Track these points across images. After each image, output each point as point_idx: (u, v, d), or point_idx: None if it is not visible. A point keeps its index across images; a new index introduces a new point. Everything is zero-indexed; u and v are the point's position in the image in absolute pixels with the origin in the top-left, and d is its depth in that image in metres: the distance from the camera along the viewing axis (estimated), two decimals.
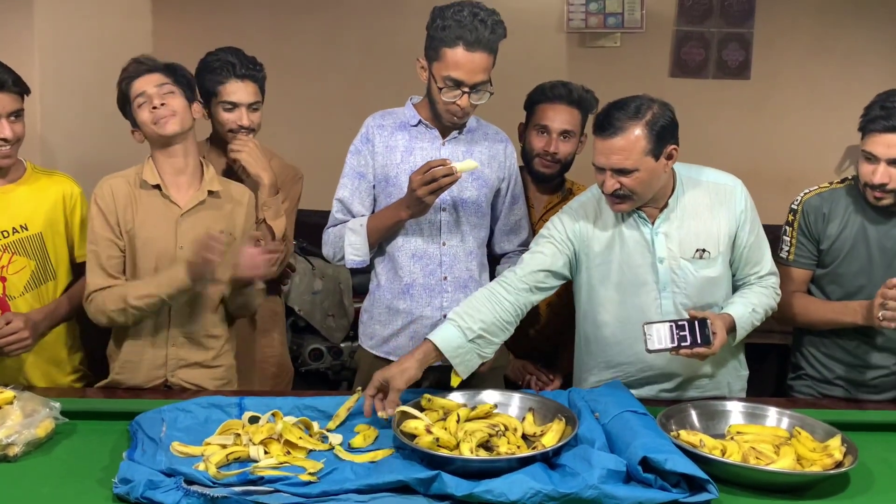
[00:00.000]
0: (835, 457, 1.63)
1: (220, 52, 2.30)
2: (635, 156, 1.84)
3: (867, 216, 2.11)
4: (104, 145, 3.30)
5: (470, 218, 2.10)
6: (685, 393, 2.08)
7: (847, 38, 3.92)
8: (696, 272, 1.99)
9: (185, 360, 2.09)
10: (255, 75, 2.31)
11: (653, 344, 1.86)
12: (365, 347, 2.19)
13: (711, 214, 1.99)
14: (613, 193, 1.90)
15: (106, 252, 2.02)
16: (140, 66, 2.04)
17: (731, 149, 2.54)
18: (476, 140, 2.12)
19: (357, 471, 1.59)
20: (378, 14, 3.91)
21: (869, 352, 2.15)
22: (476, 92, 1.97)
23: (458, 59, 1.92)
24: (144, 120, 2.01)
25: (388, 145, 2.09)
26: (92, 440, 1.76)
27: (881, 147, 1.97)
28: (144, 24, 3.82)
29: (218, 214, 2.09)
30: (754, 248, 2.03)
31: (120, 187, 2.05)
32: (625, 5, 3.81)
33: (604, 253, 2.01)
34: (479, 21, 1.90)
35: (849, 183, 2.18)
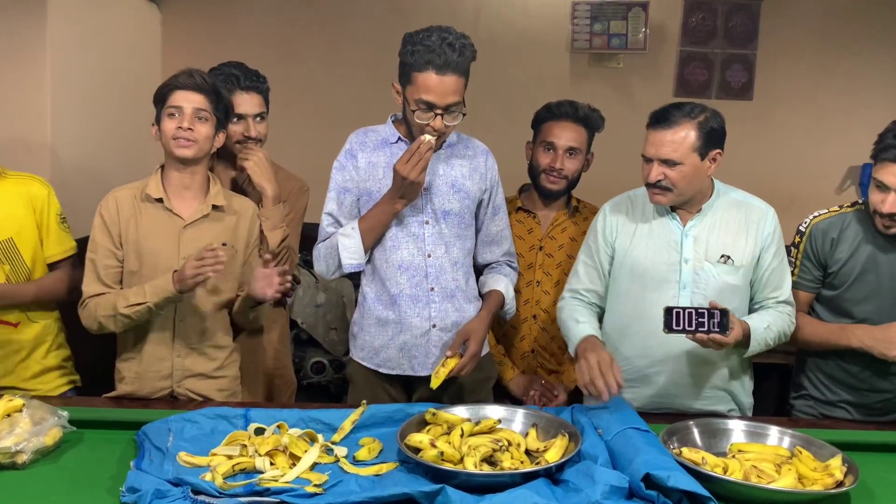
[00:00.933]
0: (836, 476, 1.64)
1: (224, 66, 2.34)
2: (683, 150, 1.97)
3: (877, 243, 2.11)
4: (113, 151, 3.34)
5: (454, 229, 2.13)
6: (691, 404, 2.11)
7: (850, 60, 3.96)
8: (718, 276, 2.06)
9: (190, 370, 2.11)
10: (260, 87, 2.35)
11: (671, 325, 1.90)
12: (356, 360, 2.21)
13: (741, 230, 2.08)
14: (656, 184, 2.00)
15: (103, 262, 2.06)
16: (189, 81, 2.05)
17: (733, 168, 2.56)
18: (456, 154, 2.16)
19: (362, 483, 1.60)
20: (384, 30, 3.94)
21: (873, 377, 2.15)
22: (449, 113, 2.00)
23: (428, 83, 1.96)
24: (166, 130, 2.05)
25: (370, 161, 2.13)
26: (99, 449, 1.77)
27: (892, 177, 1.97)
28: (153, 36, 3.87)
29: (221, 227, 2.12)
30: (777, 272, 2.10)
31: (124, 200, 2.08)
32: (629, 26, 3.85)
33: (632, 246, 2.12)
34: (447, 45, 1.95)
35: (859, 207, 2.18)
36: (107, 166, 3.25)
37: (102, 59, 3.26)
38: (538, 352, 2.45)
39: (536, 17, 3.94)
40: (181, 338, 2.09)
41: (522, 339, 2.46)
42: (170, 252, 2.06)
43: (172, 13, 3.93)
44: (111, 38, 3.37)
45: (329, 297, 3.55)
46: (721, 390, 2.14)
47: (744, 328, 1.99)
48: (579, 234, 2.46)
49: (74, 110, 3.03)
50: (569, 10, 3.88)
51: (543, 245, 2.44)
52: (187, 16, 3.95)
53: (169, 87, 2.05)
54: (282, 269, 2.04)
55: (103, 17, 3.29)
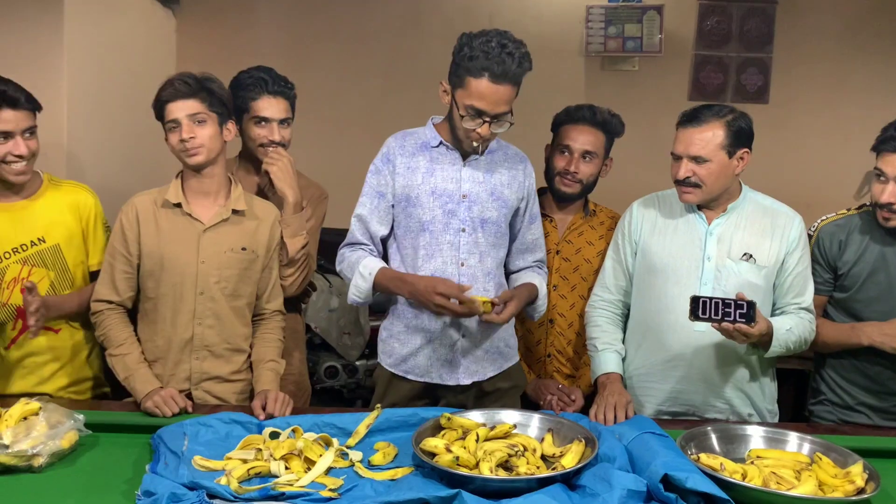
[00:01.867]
0: (857, 483, 1.62)
1: (253, 70, 2.35)
2: (711, 147, 2.03)
3: (886, 242, 2.13)
4: (130, 159, 3.36)
5: (489, 238, 2.12)
6: (710, 403, 2.12)
7: (866, 64, 3.92)
8: (740, 274, 2.08)
9: (208, 373, 2.12)
10: (287, 92, 2.35)
11: (697, 313, 1.90)
12: (384, 365, 2.20)
13: (766, 233, 2.10)
14: (685, 181, 2.04)
15: (119, 266, 2.08)
16: (175, 92, 2.05)
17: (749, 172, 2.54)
18: (496, 161, 2.14)
19: (377, 488, 1.60)
20: (398, 37, 3.95)
21: (890, 377, 2.14)
22: (497, 121, 1.98)
23: (482, 90, 1.92)
24: (173, 145, 2.07)
25: (409, 166, 2.11)
26: (115, 452, 1.78)
27: (891, 166, 2.02)
28: (169, 43, 3.89)
29: (240, 231, 2.12)
30: (800, 278, 2.12)
31: (144, 206, 2.10)
32: (644, 30, 3.84)
33: (656, 242, 2.16)
34: (506, 54, 1.90)
35: (866, 209, 2.20)
36: (123, 171, 3.27)
37: (118, 66, 3.28)
38: (554, 356, 2.44)
39: (550, 22, 3.94)
40: (200, 341, 2.10)
41: (539, 344, 2.45)
42: (189, 256, 2.07)
43: (187, 20, 3.96)
44: (127, 44, 3.39)
45: (342, 302, 3.55)
46: (740, 391, 2.13)
47: (768, 326, 1.99)
48: (596, 237, 2.44)
49: (90, 116, 3.05)
50: (583, 15, 3.87)
51: (560, 249, 2.43)
52: (202, 22, 3.98)
53: (160, 103, 2.06)
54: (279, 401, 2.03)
55: (119, 24, 3.31)
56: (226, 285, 2.10)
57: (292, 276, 2.28)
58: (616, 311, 2.26)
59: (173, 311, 2.08)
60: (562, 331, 2.42)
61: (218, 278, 2.09)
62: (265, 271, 2.18)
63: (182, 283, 2.07)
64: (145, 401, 1.97)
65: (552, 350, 2.43)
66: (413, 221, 2.10)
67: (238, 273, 2.11)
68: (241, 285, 2.12)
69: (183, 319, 2.08)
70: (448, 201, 2.08)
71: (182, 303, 2.08)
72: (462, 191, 2.09)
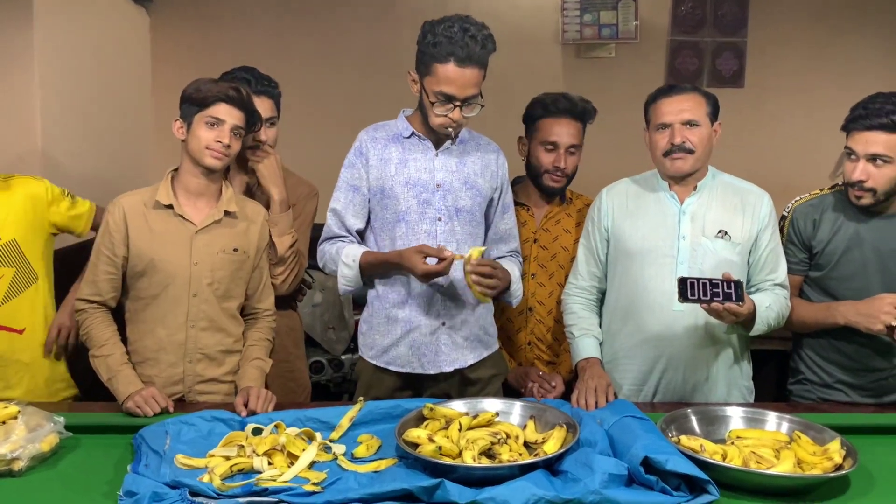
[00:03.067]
0: (835, 460, 1.64)
1: (236, 71, 2.35)
2: (701, 112, 2.10)
3: (859, 220, 2.15)
4: (107, 158, 3.34)
5: (465, 227, 2.12)
6: (690, 383, 2.15)
7: (839, 47, 3.96)
8: (716, 252, 2.10)
9: (202, 375, 2.11)
10: (271, 91, 2.35)
11: (686, 294, 1.92)
12: (365, 358, 2.20)
13: (738, 210, 2.13)
14: (681, 146, 2.07)
15: (103, 267, 2.06)
16: (236, 96, 2.04)
17: (726, 155, 2.57)
18: (468, 151, 2.15)
19: (360, 480, 1.60)
20: (374, 30, 3.94)
21: (867, 354, 2.17)
22: (467, 105, 1.99)
23: (448, 75, 1.95)
24: (202, 138, 2.03)
25: (382, 158, 2.11)
26: (96, 454, 1.76)
27: (860, 144, 2.05)
28: (143, 40, 3.86)
29: (232, 232, 2.12)
30: (773, 255, 2.14)
31: (133, 206, 2.07)
32: (619, 17, 3.85)
33: (629, 225, 2.17)
34: (469, 37, 1.93)
35: (839, 188, 2.22)
36: (100, 171, 3.24)
37: (91, 65, 3.25)
38: (535, 344, 2.45)
39: (526, 11, 3.94)
40: (193, 343, 2.09)
41: (519, 332, 2.46)
42: (181, 259, 2.06)
43: (161, 17, 3.93)
44: (100, 43, 3.36)
45: (326, 297, 3.55)
46: (718, 369, 2.16)
47: (752, 304, 2.01)
48: (572, 225, 2.46)
49: (65, 117, 3.02)
50: (558, 2, 3.88)
51: (538, 238, 2.44)
52: (176, 19, 3.95)
53: (215, 98, 2.02)
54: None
55: (91, 23, 3.27)
56: (218, 287, 2.09)
57: (283, 274, 2.28)
58: (591, 297, 2.28)
59: (165, 313, 2.07)
60: (541, 318, 2.43)
61: (211, 280, 2.08)
62: (255, 271, 2.17)
63: (174, 284, 2.06)
64: (127, 401, 1.96)
65: (532, 338, 2.45)
66: (389, 213, 2.11)
67: (230, 274, 2.11)
68: (232, 286, 2.12)
69: (176, 322, 2.07)
70: (422, 191, 2.09)
71: (175, 305, 2.07)
72: (436, 180, 2.09)
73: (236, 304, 2.15)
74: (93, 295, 2.07)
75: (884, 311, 1.99)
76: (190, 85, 2.06)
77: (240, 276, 2.13)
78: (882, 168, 2.04)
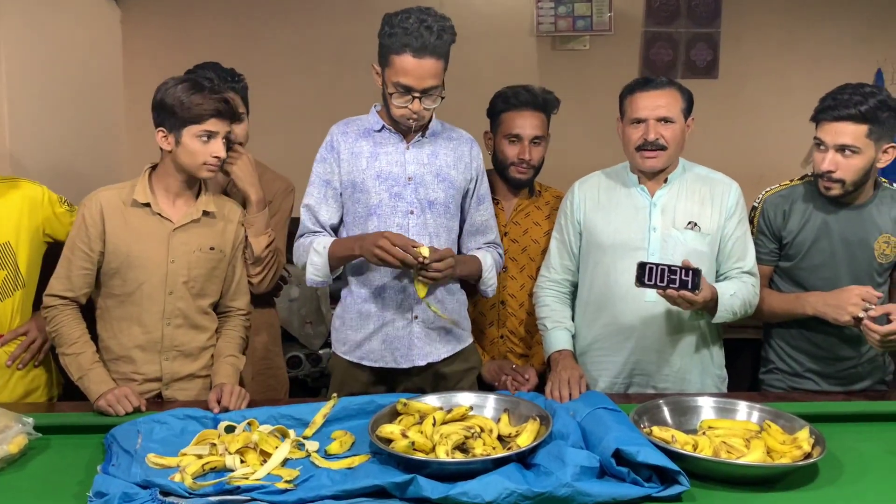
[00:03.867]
0: (804, 448, 1.66)
1: (199, 69, 2.32)
2: (676, 109, 2.11)
3: (828, 211, 2.18)
4: (76, 152, 3.29)
5: (438, 219, 2.12)
6: (662, 373, 2.17)
7: (812, 36, 3.99)
8: (686, 243, 2.12)
9: (179, 372, 2.10)
10: (235, 86, 2.33)
11: (643, 279, 1.93)
12: (339, 354, 2.20)
13: (706, 201, 2.15)
14: (654, 143, 2.06)
15: (78, 262, 2.03)
16: (226, 108, 2.02)
17: (701, 146, 2.58)
18: (440, 143, 2.15)
19: (333, 477, 1.60)
20: (348, 22, 3.91)
21: (835, 344, 2.20)
22: (428, 96, 1.99)
23: (406, 66, 1.95)
24: (198, 152, 2.01)
25: (352, 152, 2.11)
26: (66, 455, 1.75)
27: (829, 135, 2.07)
28: (114, 34, 3.81)
29: (209, 231, 2.11)
30: (740, 243, 2.16)
31: (110, 202, 2.04)
32: (593, 8, 3.85)
33: (601, 218, 2.19)
34: (425, 27, 1.93)
35: (808, 179, 2.25)
36: (72, 166, 3.20)
37: (61, 60, 3.20)
38: (507, 337, 2.46)
39: (501, 3, 3.93)
40: (169, 340, 2.08)
41: (491, 325, 2.46)
42: (159, 257, 2.04)
43: (133, 11, 3.88)
44: (69, 38, 3.31)
45: (303, 292, 3.54)
46: (691, 359, 2.18)
47: (713, 292, 2.02)
48: (542, 217, 2.47)
49: (33, 112, 2.97)
50: None
51: (508, 231, 2.44)
52: (148, 14, 3.90)
53: (208, 115, 2.00)
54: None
55: (60, 18, 3.22)
56: (193, 285, 2.08)
57: (261, 274, 2.27)
58: (563, 290, 2.29)
59: (141, 310, 2.05)
60: (513, 311, 2.44)
61: (187, 278, 2.07)
62: (229, 269, 2.16)
63: (151, 282, 2.04)
64: (98, 400, 1.95)
65: (505, 331, 2.45)
66: (360, 207, 2.10)
67: (206, 272, 2.10)
68: (207, 284, 2.11)
69: (152, 319, 2.06)
70: (394, 184, 2.08)
71: (151, 302, 2.05)
72: (407, 173, 2.09)
73: (210, 301, 2.14)
74: (65, 290, 2.04)
75: (851, 302, 2.01)
76: (166, 93, 2.00)
77: (216, 274, 2.12)
78: (850, 158, 2.06)
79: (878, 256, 2.16)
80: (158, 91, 2.02)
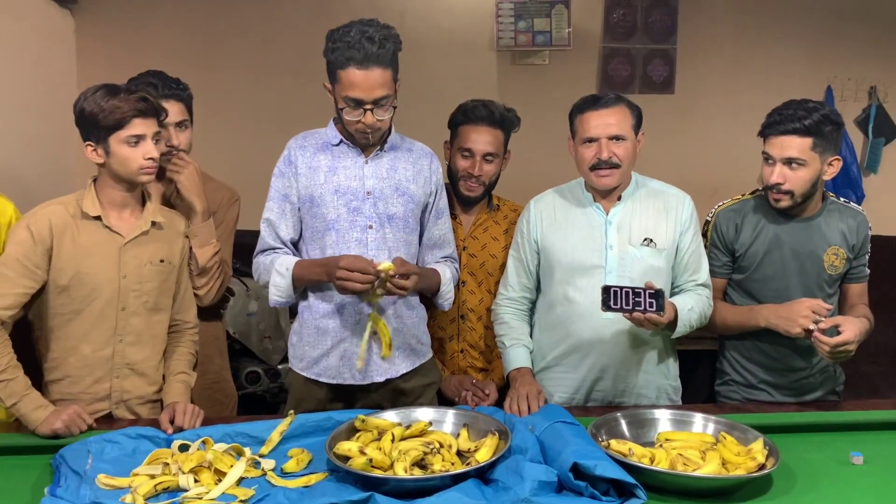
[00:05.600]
0: (758, 459, 1.68)
1: (141, 76, 2.27)
2: (626, 126, 2.12)
3: (779, 223, 2.23)
4: (29, 161, 3.22)
5: (397, 234, 2.11)
6: (619, 387, 2.18)
7: (764, 52, 4.09)
8: (642, 259, 2.14)
9: (130, 392, 2.05)
10: (180, 94, 2.28)
11: (609, 303, 1.94)
12: (295, 370, 2.17)
13: (661, 216, 2.17)
14: (608, 161, 2.09)
15: (18, 280, 1.92)
16: (147, 106, 1.95)
17: (658, 160, 2.62)
18: (400, 157, 2.14)
19: (290, 496, 1.57)
20: (307, 34, 3.87)
21: (787, 355, 2.24)
22: (379, 107, 1.98)
23: (352, 79, 1.94)
24: (131, 159, 1.95)
25: (310, 166, 2.09)
26: (12, 476, 1.70)
27: (776, 148, 2.13)
28: (68, 45, 3.74)
29: (158, 244, 2.07)
30: (695, 256, 2.19)
31: (59, 216, 1.97)
32: (552, 24, 3.90)
33: (558, 237, 2.19)
34: (366, 38, 1.92)
35: (759, 194, 2.30)
36: (22, 175, 3.13)
37: (14, 69, 3.14)
38: (467, 351, 2.45)
39: (461, 17, 3.96)
40: (121, 359, 2.03)
41: (451, 340, 2.46)
42: (110, 272, 1.99)
43: (86, 20, 3.81)
44: (22, 46, 3.25)
45: (262, 306, 3.49)
46: (647, 372, 2.20)
47: (674, 310, 2.05)
48: (500, 232, 2.47)
49: None
50: (493, 9, 3.91)
51: (466, 245, 2.44)
52: (102, 23, 3.83)
53: (129, 116, 1.93)
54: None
55: (13, 26, 3.16)
56: (147, 299, 2.03)
57: (206, 285, 2.23)
58: (521, 307, 2.29)
59: (90, 328, 1.99)
60: (472, 325, 2.44)
61: (139, 293, 2.02)
62: (177, 282, 2.12)
63: (101, 298, 1.98)
64: (52, 422, 1.86)
65: (464, 345, 2.45)
66: (318, 221, 2.08)
67: (158, 286, 2.06)
68: (161, 298, 2.07)
69: (102, 336, 2.00)
70: (352, 199, 2.07)
71: (102, 319, 1.99)
72: (366, 188, 2.07)
73: (166, 316, 2.10)
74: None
75: (802, 314, 2.06)
76: (85, 102, 1.93)
77: (167, 286, 2.09)
78: (797, 171, 2.11)
79: (827, 268, 2.21)
80: (77, 103, 1.96)
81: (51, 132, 3.46)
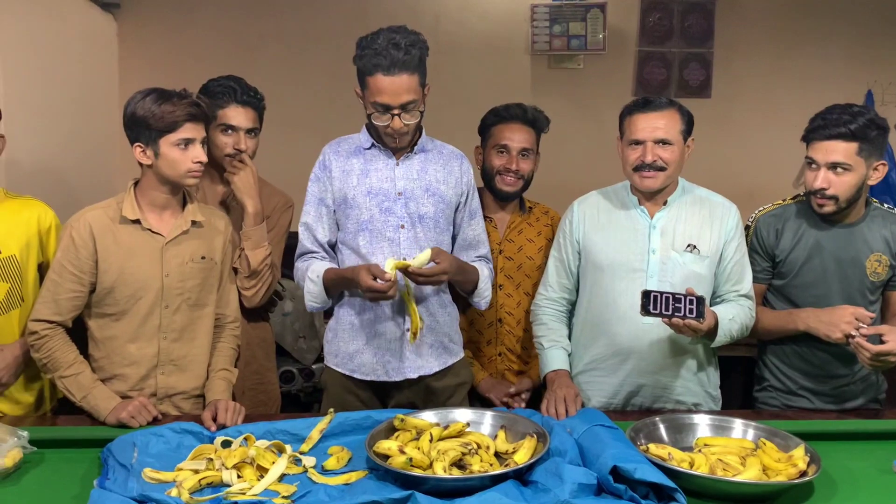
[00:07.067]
0: (799, 466, 1.67)
1: (223, 79, 2.35)
2: (674, 131, 2.11)
3: (820, 229, 2.21)
4: (70, 161, 3.29)
5: (429, 234, 2.13)
6: (658, 394, 2.18)
7: (802, 56, 4.04)
8: (685, 265, 2.12)
9: (174, 388, 2.10)
10: (256, 103, 2.36)
11: (649, 308, 1.94)
12: (331, 366, 2.20)
13: (706, 223, 2.16)
14: (652, 164, 2.09)
15: (68, 286, 2.00)
16: (198, 111, 2.00)
17: (694, 165, 2.61)
18: (430, 159, 2.17)
19: (331, 493, 1.60)
20: (344, 38, 3.88)
21: (829, 361, 2.22)
22: (406, 112, 2.02)
23: (379, 86, 1.98)
24: (180, 162, 2.00)
25: (344, 170, 2.14)
26: (61, 469, 1.74)
27: (821, 153, 2.11)
28: (110, 48, 3.81)
29: (199, 242, 2.11)
30: (738, 266, 2.17)
31: (99, 221, 2.02)
32: (588, 28, 3.89)
33: (600, 238, 2.19)
34: (392, 45, 1.96)
35: (800, 199, 2.28)
36: (65, 176, 3.20)
37: (57, 69, 3.21)
38: (505, 355, 2.47)
39: (496, 21, 3.96)
40: (166, 356, 2.07)
41: (489, 344, 2.47)
42: (153, 271, 2.03)
43: (128, 24, 3.88)
44: (66, 50, 3.31)
45: (297, 306, 3.52)
46: (687, 380, 2.18)
47: (714, 318, 2.04)
48: (534, 234, 2.49)
49: (28, 120, 2.97)
50: (528, 13, 3.91)
51: (503, 248, 2.46)
52: (144, 25, 3.90)
53: (180, 119, 1.98)
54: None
55: (57, 30, 3.23)
56: (189, 296, 2.08)
57: (255, 287, 2.27)
58: (560, 308, 2.29)
59: (136, 327, 2.04)
60: (510, 329, 2.45)
61: (181, 290, 2.06)
62: (220, 281, 2.16)
63: (145, 298, 2.03)
64: (118, 412, 1.94)
65: (502, 349, 2.46)
66: (352, 223, 2.12)
67: (200, 283, 2.10)
68: (203, 294, 2.11)
69: (147, 334, 2.05)
70: (384, 200, 2.11)
71: (146, 318, 2.04)
72: (397, 189, 2.11)
73: (209, 311, 2.13)
74: (53, 315, 2.00)
75: (845, 320, 2.04)
76: (136, 106, 1.98)
77: (210, 283, 2.13)
78: (842, 175, 2.09)
79: (869, 275, 2.18)
80: (128, 106, 2.01)
81: (92, 133, 3.54)
